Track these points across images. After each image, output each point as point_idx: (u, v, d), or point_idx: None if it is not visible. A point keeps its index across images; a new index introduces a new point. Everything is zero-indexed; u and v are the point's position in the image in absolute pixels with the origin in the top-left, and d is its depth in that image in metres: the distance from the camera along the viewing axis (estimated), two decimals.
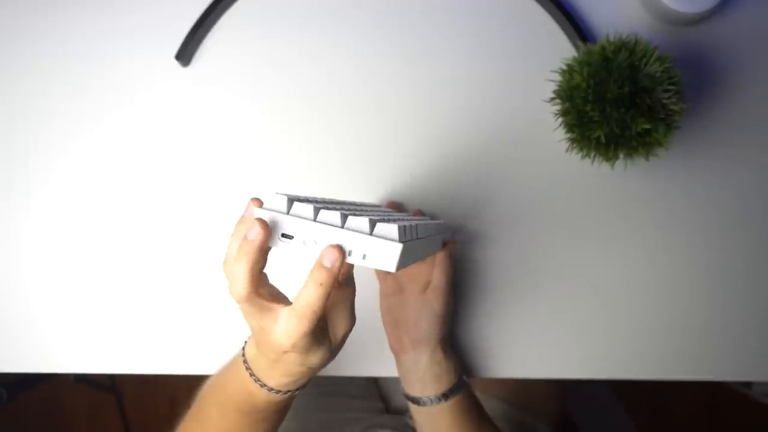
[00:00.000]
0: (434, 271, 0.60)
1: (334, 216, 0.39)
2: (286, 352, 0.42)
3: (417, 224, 0.45)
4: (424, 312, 0.59)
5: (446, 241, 0.61)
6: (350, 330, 0.46)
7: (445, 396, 0.59)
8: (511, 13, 0.64)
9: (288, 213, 0.40)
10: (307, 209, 0.39)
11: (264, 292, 0.42)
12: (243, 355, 0.48)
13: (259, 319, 0.42)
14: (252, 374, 0.47)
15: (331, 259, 0.38)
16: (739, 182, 0.64)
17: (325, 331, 0.44)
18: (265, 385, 0.47)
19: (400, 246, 0.38)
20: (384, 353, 0.63)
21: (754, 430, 1.46)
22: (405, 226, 0.41)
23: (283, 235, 0.40)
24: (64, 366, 0.66)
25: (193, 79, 0.65)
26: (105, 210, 0.66)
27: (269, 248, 0.41)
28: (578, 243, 0.65)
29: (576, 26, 0.62)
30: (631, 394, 1.43)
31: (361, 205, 0.53)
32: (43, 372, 0.66)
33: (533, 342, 0.65)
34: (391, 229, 0.39)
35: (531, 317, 0.65)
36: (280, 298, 0.43)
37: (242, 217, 0.43)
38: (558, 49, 0.64)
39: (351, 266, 0.44)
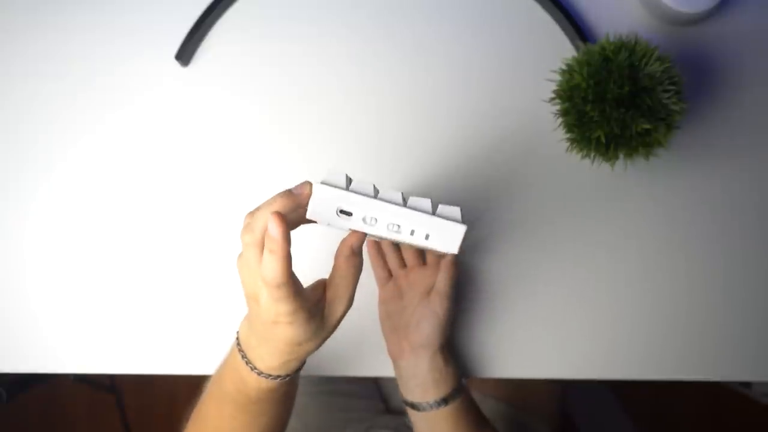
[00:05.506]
0: (439, 276, 0.59)
1: (395, 194, 0.39)
2: (275, 322, 0.42)
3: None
4: (427, 317, 0.58)
5: None
6: (346, 311, 0.46)
7: (445, 401, 0.58)
8: (511, 13, 0.64)
9: (347, 189, 0.39)
10: (367, 187, 0.39)
11: None
12: (237, 336, 0.49)
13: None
14: (243, 356, 0.48)
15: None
16: (738, 182, 0.64)
17: (317, 308, 0.45)
18: (255, 368, 0.47)
19: (464, 227, 0.38)
20: (384, 353, 0.63)
21: (754, 430, 1.46)
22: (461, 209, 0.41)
23: (342, 212, 0.39)
24: (64, 366, 0.66)
25: (193, 79, 0.65)
26: (105, 210, 0.66)
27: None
28: (577, 243, 0.64)
29: (576, 26, 0.62)
30: (631, 394, 1.43)
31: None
32: (43, 372, 0.66)
33: (533, 342, 0.65)
34: (454, 211, 0.39)
35: (530, 317, 0.65)
36: None
37: (290, 190, 0.43)
38: (558, 49, 0.64)
39: (363, 238, 0.43)
